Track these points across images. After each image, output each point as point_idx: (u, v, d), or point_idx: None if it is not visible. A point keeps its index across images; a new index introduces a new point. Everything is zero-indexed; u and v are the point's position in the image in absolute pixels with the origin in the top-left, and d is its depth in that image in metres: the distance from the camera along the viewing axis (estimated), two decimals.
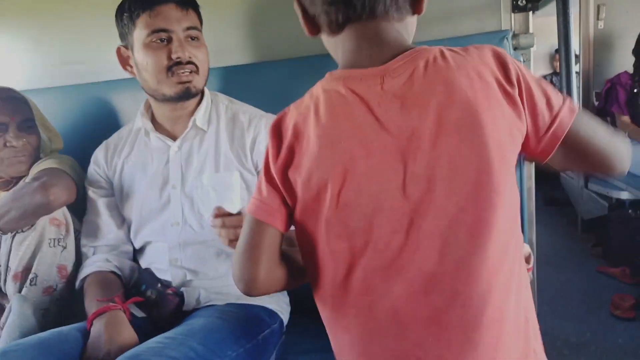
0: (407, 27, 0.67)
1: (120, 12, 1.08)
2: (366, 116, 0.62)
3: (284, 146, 0.66)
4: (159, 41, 1.04)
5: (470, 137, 0.58)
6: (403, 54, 0.63)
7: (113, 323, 0.93)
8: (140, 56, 1.06)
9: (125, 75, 1.15)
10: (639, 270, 2.34)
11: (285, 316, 1.14)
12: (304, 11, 0.68)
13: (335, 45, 0.68)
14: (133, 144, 1.18)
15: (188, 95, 1.08)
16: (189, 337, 0.87)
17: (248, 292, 0.68)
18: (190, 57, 1.05)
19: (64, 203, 1.12)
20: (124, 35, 1.09)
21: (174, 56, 1.03)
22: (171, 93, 1.07)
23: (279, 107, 0.71)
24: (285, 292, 1.20)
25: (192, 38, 1.07)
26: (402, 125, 0.60)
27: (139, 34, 1.04)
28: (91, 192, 1.18)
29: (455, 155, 0.58)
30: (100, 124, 1.45)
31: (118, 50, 1.12)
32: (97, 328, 0.93)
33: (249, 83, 1.35)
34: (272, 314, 1.10)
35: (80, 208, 1.20)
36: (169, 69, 1.04)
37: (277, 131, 0.68)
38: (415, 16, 0.68)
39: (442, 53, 0.62)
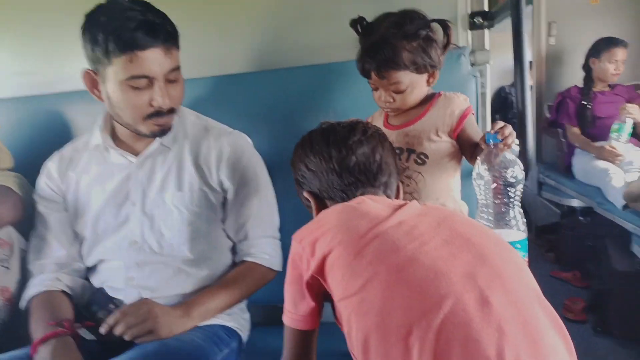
0: None
1: (90, 40, 0.94)
2: None
3: None
4: (138, 86, 0.95)
5: None
6: None
7: (61, 351, 0.88)
8: (115, 95, 0.97)
9: (80, 86, 1.08)
10: (588, 273, 2.45)
11: (244, 333, 1.13)
12: (317, 197, 0.82)
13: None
14: (90, 158, 1.12)
15: (162, 134, 1.05)
16: None
17: None
18: (170, 104, 1.00)
19: (9, 222, 1.07)
20: (94, 63, 0.97)
21: (154, 104, 0.97)
22: (146, 132, 1.03)
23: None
24: (244, 308, 1.18)
25: (172, 80, 0.99)
26: None
27: (115, 72, 0.94)
28: (42, 207, 1.12)
29: None
30: (53, 138, 1.38)
31: (86, 75, 1.00)
32: (43, 356, 0.88)
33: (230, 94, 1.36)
34: (231, 332, 1.08)
35: (26, 226, 1.14)
36: (148, 116, 0.99)
37: None
38: None
39: None
